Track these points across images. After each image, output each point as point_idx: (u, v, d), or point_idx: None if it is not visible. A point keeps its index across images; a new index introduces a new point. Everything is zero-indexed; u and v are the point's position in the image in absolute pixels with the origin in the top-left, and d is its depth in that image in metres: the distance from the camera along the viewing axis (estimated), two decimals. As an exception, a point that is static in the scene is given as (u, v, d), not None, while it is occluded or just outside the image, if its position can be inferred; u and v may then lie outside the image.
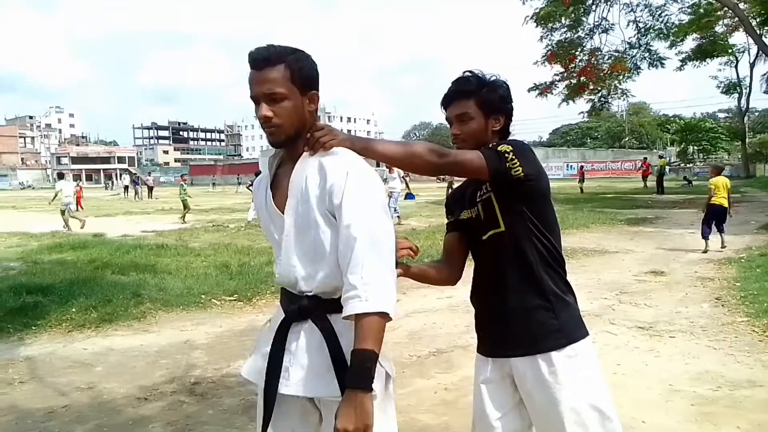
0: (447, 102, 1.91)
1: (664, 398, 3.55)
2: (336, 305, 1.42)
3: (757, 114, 69.42)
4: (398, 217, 14.78)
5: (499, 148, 1.70)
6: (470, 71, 1.90)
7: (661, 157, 33.50)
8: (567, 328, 1.76)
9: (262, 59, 1.46)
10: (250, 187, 17.25)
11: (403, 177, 15.38)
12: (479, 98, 1.84)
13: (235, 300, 6.43)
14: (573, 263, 7.77)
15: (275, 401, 1.49)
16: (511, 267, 1.78)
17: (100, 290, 6.37)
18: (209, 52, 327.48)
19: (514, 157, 1.68)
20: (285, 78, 1.45)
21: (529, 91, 23.71)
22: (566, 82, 23.56)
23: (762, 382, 3.74)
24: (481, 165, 1.68)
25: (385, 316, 1.34)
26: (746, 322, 5.09)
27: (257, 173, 17.48)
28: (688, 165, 50.17)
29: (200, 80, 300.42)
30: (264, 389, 1.52)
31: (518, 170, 1.68)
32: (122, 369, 4.32)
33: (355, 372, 1.32)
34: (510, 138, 1.90)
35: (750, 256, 8.49)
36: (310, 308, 1.49)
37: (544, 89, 23.83)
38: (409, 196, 16.29)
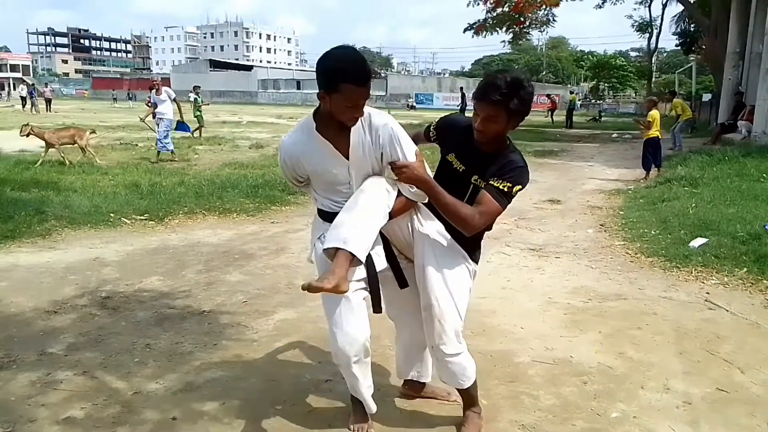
0: (479, 99, 2.17)
1: (542, 309, 4.03)
2: None
3: (665, 54, 72.82)
4: (172, 152, 11.23)
5: (514, 190, 2.20)
6: (504, 74, 2.13)
7: (572, 92, 34.81)
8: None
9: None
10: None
11: (174, 99, 11.46)
12: (509, 108, 2.12)
13: (146, 219, 6.37)
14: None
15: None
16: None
17: (-1, 207, 6.11)
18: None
19: (519, 190, 2.21)
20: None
21: (464, 31, 25.67)
22: (496, 12, 24.58)
23: (626, 296, 4.31)
24: (500, 211, 2.23)
25: None
26: (622, 246, 5.72)
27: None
28: (598, 101, 52.35)
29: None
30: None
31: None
32: (29, 284, 4.29)
33: None
34: (518, 156, 2.26)
35: (637, 188, 9.32)
36: None
37: (478, 27, 25.49)
38: (182, 126, 11.90)
